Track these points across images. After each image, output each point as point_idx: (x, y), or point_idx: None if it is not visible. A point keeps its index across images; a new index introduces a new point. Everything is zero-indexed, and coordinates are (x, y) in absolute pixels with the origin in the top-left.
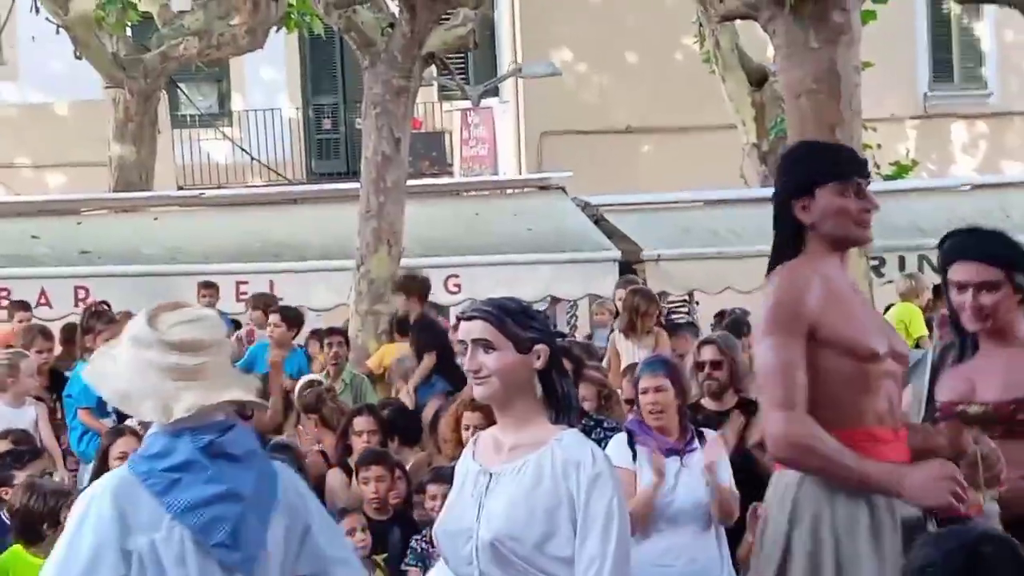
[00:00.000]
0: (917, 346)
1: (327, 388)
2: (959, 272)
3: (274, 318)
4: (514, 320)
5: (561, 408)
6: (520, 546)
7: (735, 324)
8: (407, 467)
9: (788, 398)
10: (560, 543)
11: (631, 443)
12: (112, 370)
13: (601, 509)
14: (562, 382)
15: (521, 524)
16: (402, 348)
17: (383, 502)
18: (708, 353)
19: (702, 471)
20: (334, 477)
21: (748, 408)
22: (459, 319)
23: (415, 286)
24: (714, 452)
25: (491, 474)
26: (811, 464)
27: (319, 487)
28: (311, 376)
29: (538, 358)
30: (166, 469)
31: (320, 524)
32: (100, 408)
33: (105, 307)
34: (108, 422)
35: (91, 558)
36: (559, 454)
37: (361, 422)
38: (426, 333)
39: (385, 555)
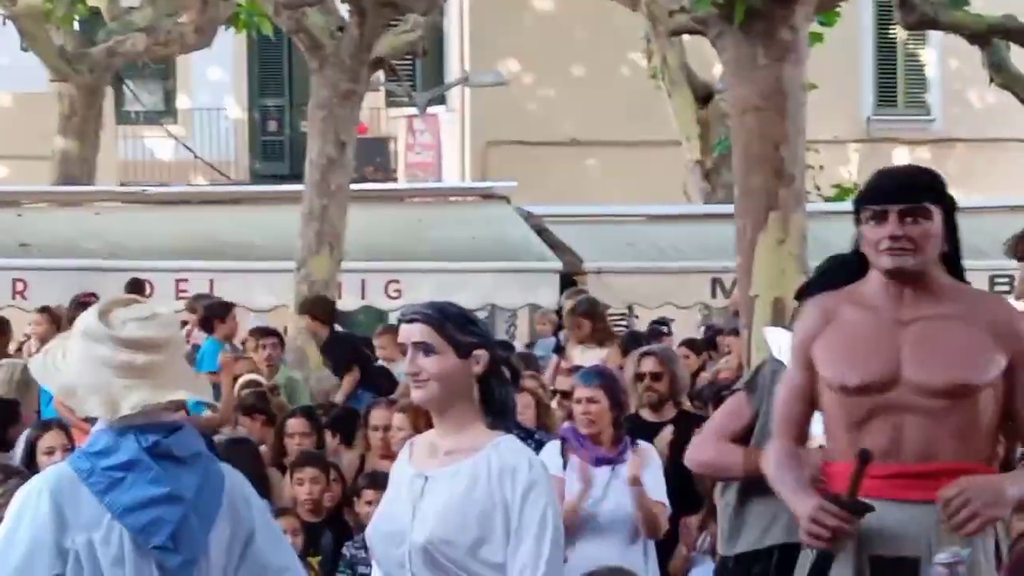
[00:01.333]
0: None
1: (270, 387)
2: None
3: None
4: (454, 324)
5: (499, 414)
6: (453, 550)
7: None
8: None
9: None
10: (493, 549)
11: (563, 451)
12: (61, 364)
13: (535, 516)
14: (501, 388)
15: (454, 528)
16: None
17: (317, 504)
18: (648, 364)
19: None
20: (274, 477)
21: (686, 420)
22: (399, 321)
23: (321, 310)
24: (641, 463)
25: (426, 477)
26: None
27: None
28: (252, 376)
29: (477, 363)
30: (109, 468)
31: (264, 530)
32: None
33: (94, 299)
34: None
35: (26, 554)
36: (495, 460)
37: (295, 424)
38: (342, 351)
39: (319, 557)
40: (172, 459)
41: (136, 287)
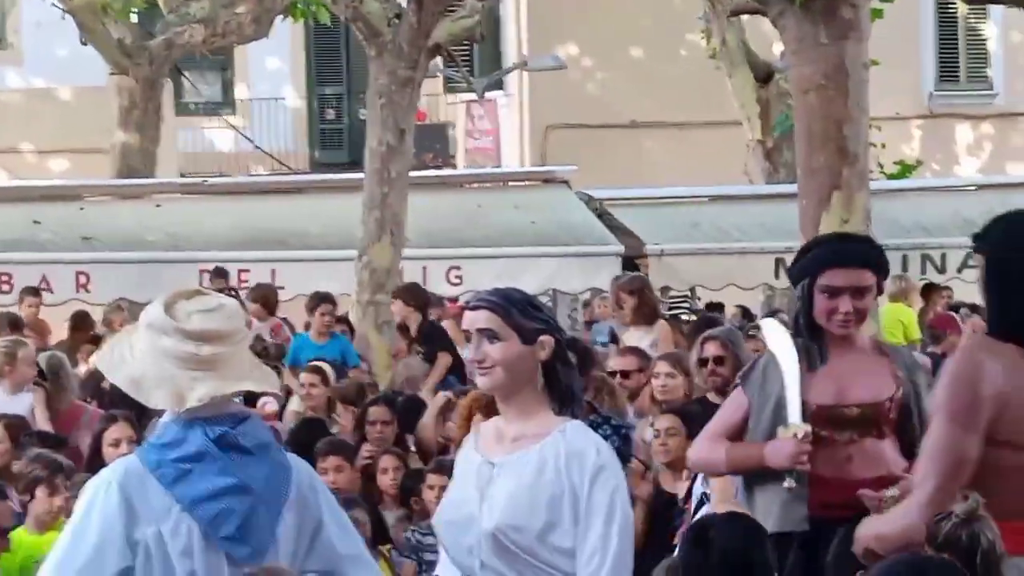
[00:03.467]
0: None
1: (370, 382)
2: (835, 277)
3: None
4: (519, 310)
5: (565, 400)
6: (522, 537)
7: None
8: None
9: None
10: (562, 534)
11: None
12: (128, 357)
13: (603, 501)
14: (566, 374)
15: (523, 514)
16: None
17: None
18: (712, 349)
19: None
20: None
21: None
22: (464, 308)
23: (415, 298)
24: None
25: (493, 464)
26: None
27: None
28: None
29: (543, 349)
30: (177, 459)
31: (332, 520)
32: None
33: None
34: None
35: (96, 546)
36: (563, 445)
37: (376, 411)
38: (436, 337)
39: (390, 546)
40: (239, 450)
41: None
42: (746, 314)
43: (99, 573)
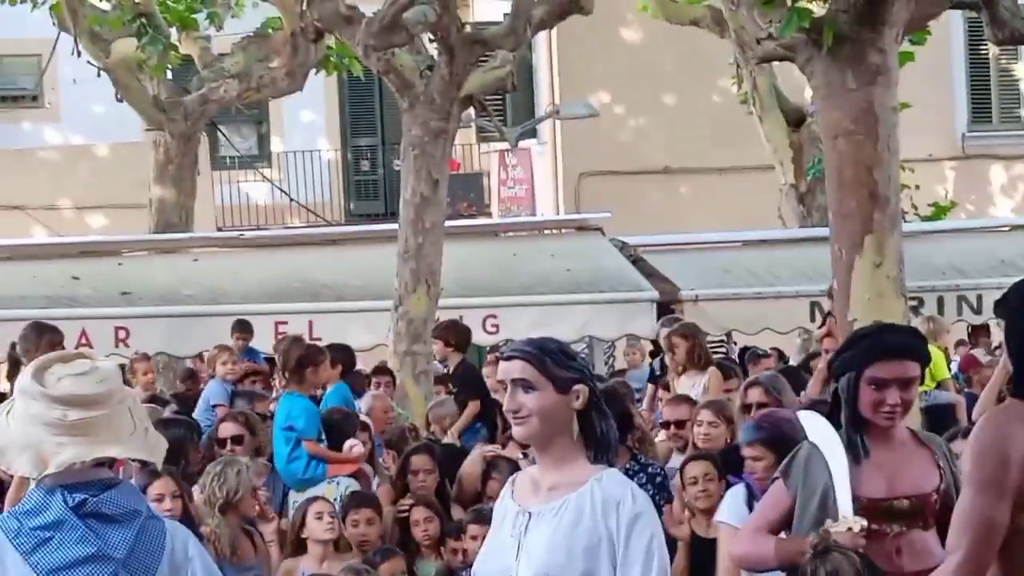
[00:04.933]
0: (939, 387)
1: (410, 427)
2: (881, 370)
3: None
4: (553, 360)
5: (600, 448)
6: None
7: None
8: None
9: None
10: None
11: (749, 500)
12: (2, 422)
13: (642, 548)
14: (601, 422)
15: (561, 563)
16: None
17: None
18: (755, 395)
19: None
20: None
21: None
22: (498, 359)
23: (455, 337)
24: None
25: (530, 514)
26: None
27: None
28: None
29: (577, 398)
30: (36, 528)
31: None
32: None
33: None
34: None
35: None
36: (599, 493)
37: (418, 460)
38: (469, 381)
39: None
40: (102, 518)
41: (243, 327)
42: (781, 357)
43: None
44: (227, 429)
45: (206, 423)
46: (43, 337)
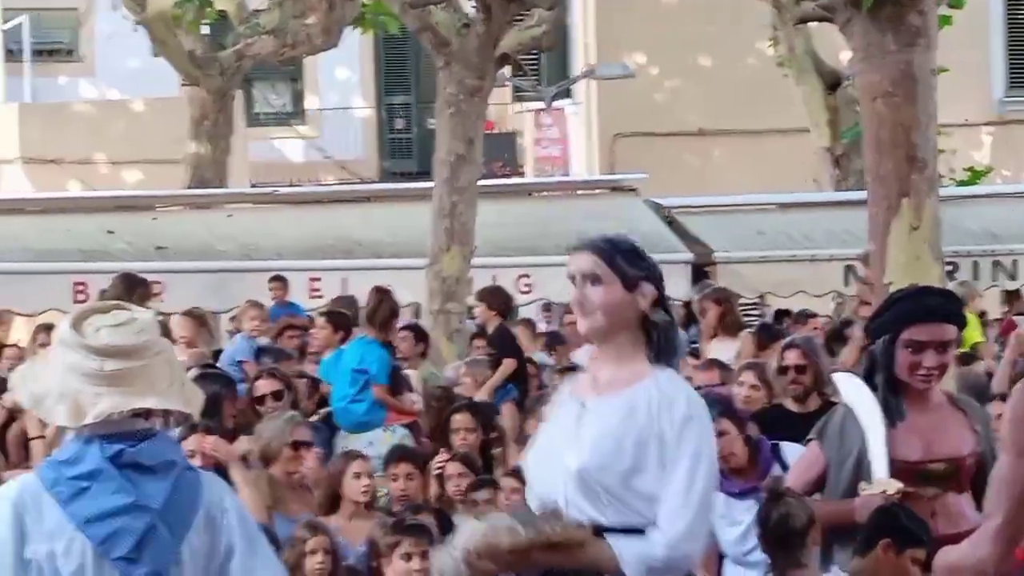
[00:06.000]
0: (971, 354)
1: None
2: (919, 332)
3: (320, 321)
4: (623, 256)
5: (662, 349)
6: (606, 477)
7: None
8: None
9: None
10: (647, 480)
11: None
12: (40, 372)
13: (690, 450)
14: (665, 324)
15: (608, 456)
16: None
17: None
18: (792, 357)
19: None
20: None
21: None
22: (569, 252)
23: (498, 301)
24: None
25: (583, 405)
26: None
27: None
28: None
29: (643, 297)
30: (73, 477)
31: (246, 543)
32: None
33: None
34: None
35: None
36: (654, 392)
37: (460, 419)
38: (506, 342)
39: None
40: (138, 468)
41: (277, 282)
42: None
43: None
44: (264, 386)
45: None
46: (134, 290)
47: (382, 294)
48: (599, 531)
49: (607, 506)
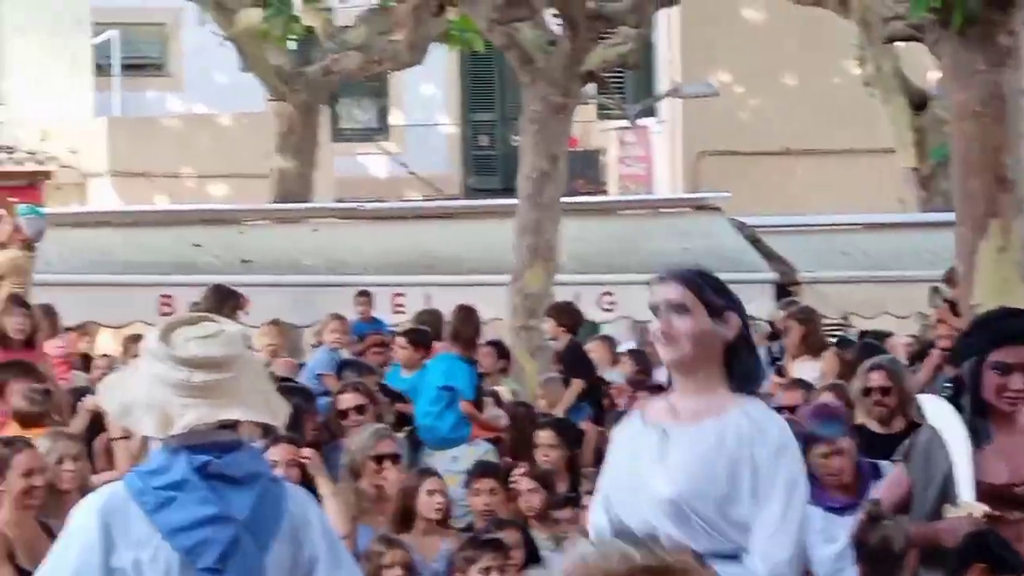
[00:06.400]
0: None
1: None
2: (1007, 355)
3: (401, 341)
4: (711, 287)
5: (745, 378)
6: (702, 505)
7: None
8: None
9: None
10: (739, 507)
11: None
12: (128, 382)
13: (786, 477)
14: (748, 354)
15: (702, 483)
16: None
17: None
18: (877, 378)
19: None
20: None
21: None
22: (656, 282)
23: (568, 318)
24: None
25: (666, 433)
26: None
27: None
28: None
29: (728, 327)
30: (160, 487)
31: (329, 555)
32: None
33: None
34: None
35: (75, 571)
36: (744, 421)
37: (544, 436)
38: (576, 361)
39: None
40: (225, 479)
41: (363, 297)
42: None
43: None
44: (347, 400)
45: None
46: (226, 302)
47: (467, 312)
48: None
49: (699, 533)
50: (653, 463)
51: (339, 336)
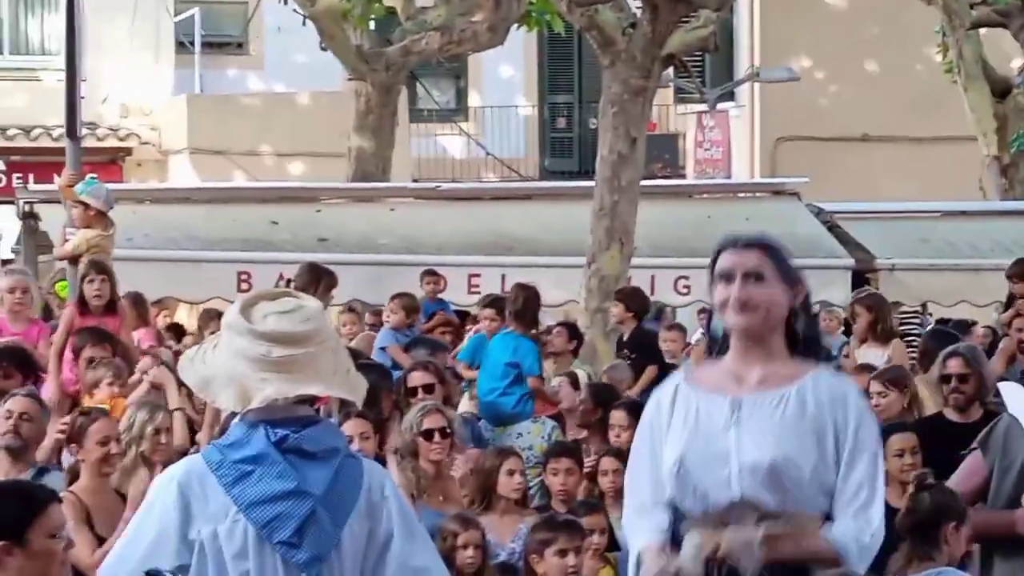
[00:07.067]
0: None
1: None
2: None
3: (488, 312)
4: (785, 255)
5: (809, 345)
6: (794, 470)
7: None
8: None
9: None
10: (826, 472)
11: None
12: (208, 357)
13: (870, 441)
14: (810, 322)
15: (795, 450)
16: None
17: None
18: (955, 366)
19: None
20: None
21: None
22: (729, 249)
23: (637, 303)
24: None
25: (739, 403)
26: None
27: None
28: None
29: (796, 295)
30: (238, 461)
31: (405, 531)
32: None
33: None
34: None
35: (152, 543)
36: (823, 387)
37: (618, 416)
38: (645, 346)
39: (617, 552)
40: (302, 454)
41: (431, 276)
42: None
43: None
44: (417, 378)
45: None
46: (321, 281)
47: (527, 290)
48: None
49: (788, 498)
50: (730, 432)
51: (401, 317)
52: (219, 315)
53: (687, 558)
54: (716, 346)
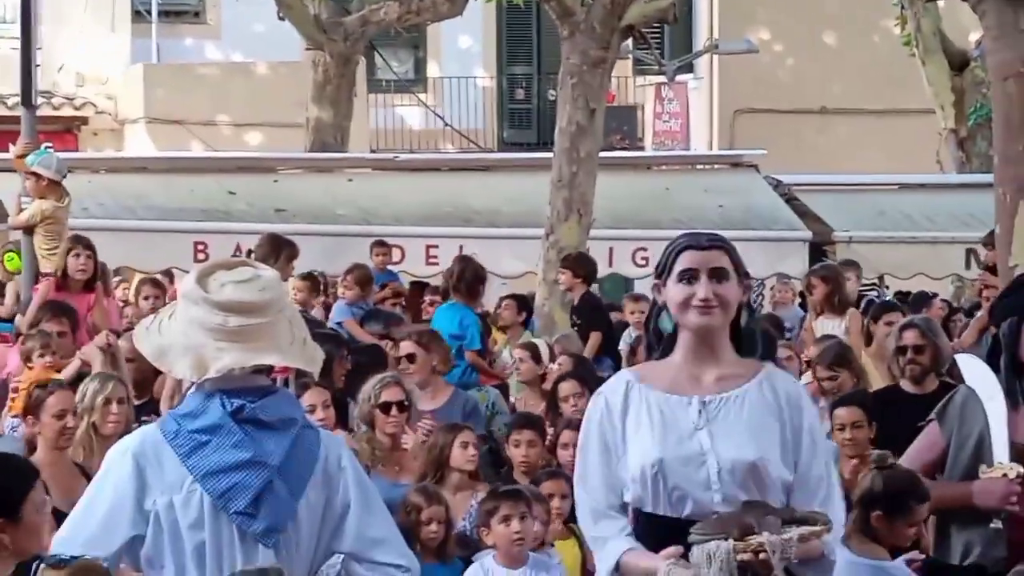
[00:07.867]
0: None
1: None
2: None
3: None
4: (736, 251)
5: (749, 341)
6: (775, 468)
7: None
8: None
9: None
10: (786, 468)
11: None
12: (164, 327)
13: (823, 442)
14: (752, 319)
15: (770, 446)
16: None
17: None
18: (911, 337)
19: None
20: None
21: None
22: (691, 248)
23: (584, 269)
24: None
25: (703, 402)
26: None
27: None
28: None
29: (745, 292)
30: (194, 431)
31: (362, 502)
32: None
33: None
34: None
35: (107, 513)
36: (780, 387)
37: (567, 387)
38: (592, 312)
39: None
40: (259, 424)
41: (381, 247)
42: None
43: (109, 540)
44: (406, 347)
45: None
46: (282, 251)
47: (466, 261)
48: None
49: (775, 496)
50: (701, 433)
51: (356, 292)
52: (154, 282)
53: (717, 567)
54: (660, 344)
